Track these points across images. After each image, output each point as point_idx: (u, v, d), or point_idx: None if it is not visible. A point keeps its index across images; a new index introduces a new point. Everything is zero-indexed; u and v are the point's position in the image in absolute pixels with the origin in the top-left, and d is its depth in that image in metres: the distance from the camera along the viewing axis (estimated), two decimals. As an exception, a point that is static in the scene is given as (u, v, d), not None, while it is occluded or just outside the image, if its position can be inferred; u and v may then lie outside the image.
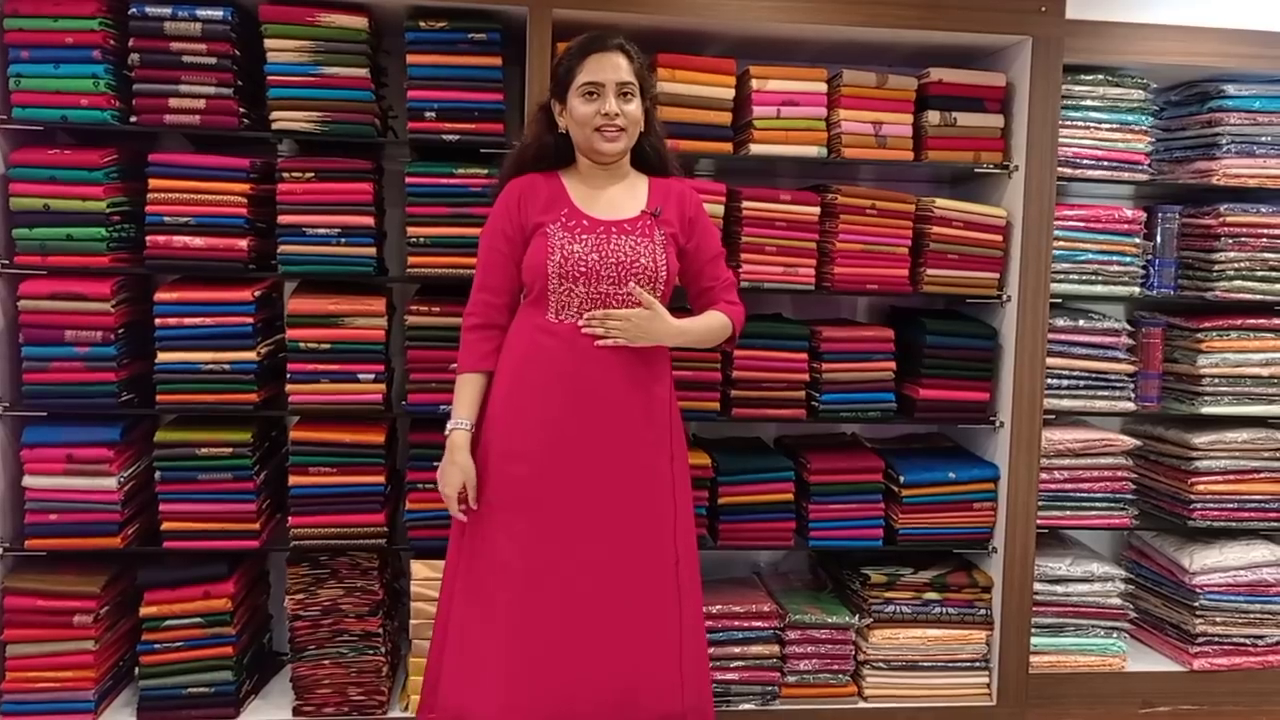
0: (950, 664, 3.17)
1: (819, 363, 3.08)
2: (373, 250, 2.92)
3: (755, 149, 3.02)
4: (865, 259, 3.07)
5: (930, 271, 3.10)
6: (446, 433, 2.43)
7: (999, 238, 3.12)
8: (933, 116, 3.08)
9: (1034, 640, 3.20)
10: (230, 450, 2.89)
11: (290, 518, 2.94)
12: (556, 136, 2.45)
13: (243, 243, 2.87)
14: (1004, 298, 3.14)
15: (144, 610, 2.88)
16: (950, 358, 3.13)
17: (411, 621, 2.95)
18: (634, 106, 2.38)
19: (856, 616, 3.12)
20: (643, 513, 2.41)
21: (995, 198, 3.19)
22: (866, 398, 3.11)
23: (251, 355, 2.88)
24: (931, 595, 3.17)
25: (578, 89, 2.36)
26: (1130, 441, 3.28)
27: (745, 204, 3.00)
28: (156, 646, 2.89)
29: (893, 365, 3.11)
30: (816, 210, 3.05)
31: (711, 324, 2.50)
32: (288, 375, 2.91)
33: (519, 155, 2.50)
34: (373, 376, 2.93)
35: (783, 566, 3.52)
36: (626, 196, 2.46)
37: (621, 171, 2.47)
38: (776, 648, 3.10)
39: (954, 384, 3.13)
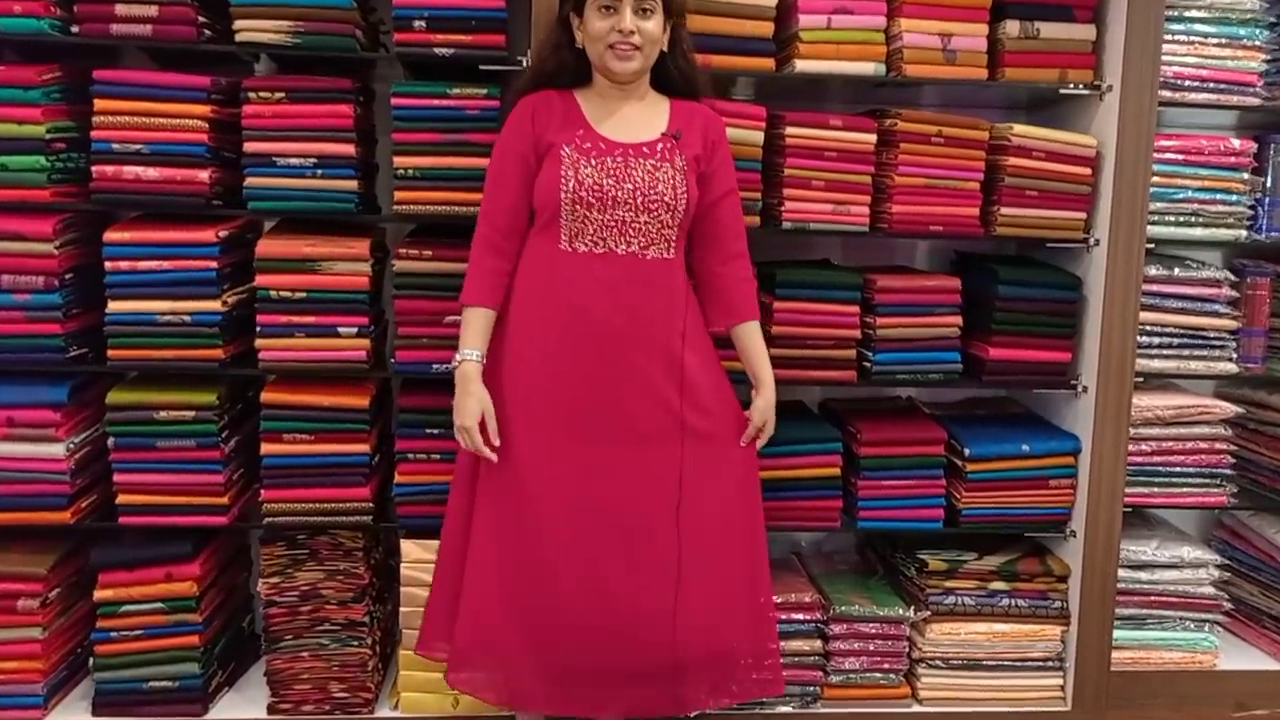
0: (1019, 663, 2.77)
1: (873, 316, 2.66)
2: (354, 184, 2.52)
3: (801, 66, 2.58)
4: (929, 196, 2.63)
5: (1005, 211, 2.65)
6: (454, 364, 2.23)
7: (1087, 171, 2.66)
8: (1011, 27, 2.62)
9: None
10: (193, 414, 2.53)
11: (262, 491, 2.58)
12: (575, 52, 2.27)
13: (204, 175, 2.47)
14: (1090, 242, 2.69)
15: (98, 594, 2.54)
16: (1026, 311, 2.69)
17: (403, 609, 2.58)
18: (653, 23, 2.20)
19: (912, 608, 2.73)
20: (649, 448, 2.23)
21: (1083, 124, 2.73)
22: (927, 357, 2.68)
23: (216, 305, 2.50)
24: (998, 585, 2.76)
25: (593, 1, 2.18)
26: (1229, 408, 2.85)
27: (789, 131, 2.57)
28: (113, 635, 2.56)
29: (959, 320, 2.68)
30: (872, 138, 2.61)
31: (761, 343, 2.37)
32: (257, 329, 2.53)
33: (536, 70, 2.33)
34: (355, 330, 2.54)
35: (825, 546, 3.12)
36: (646, 118, 2.29)
37: (640, 92, 2.30)
38: (819, 643, 2.71)
39: (1030, 342, 2.70)
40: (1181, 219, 2.80)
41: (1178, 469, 2.85)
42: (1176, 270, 2.81)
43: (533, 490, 2.22)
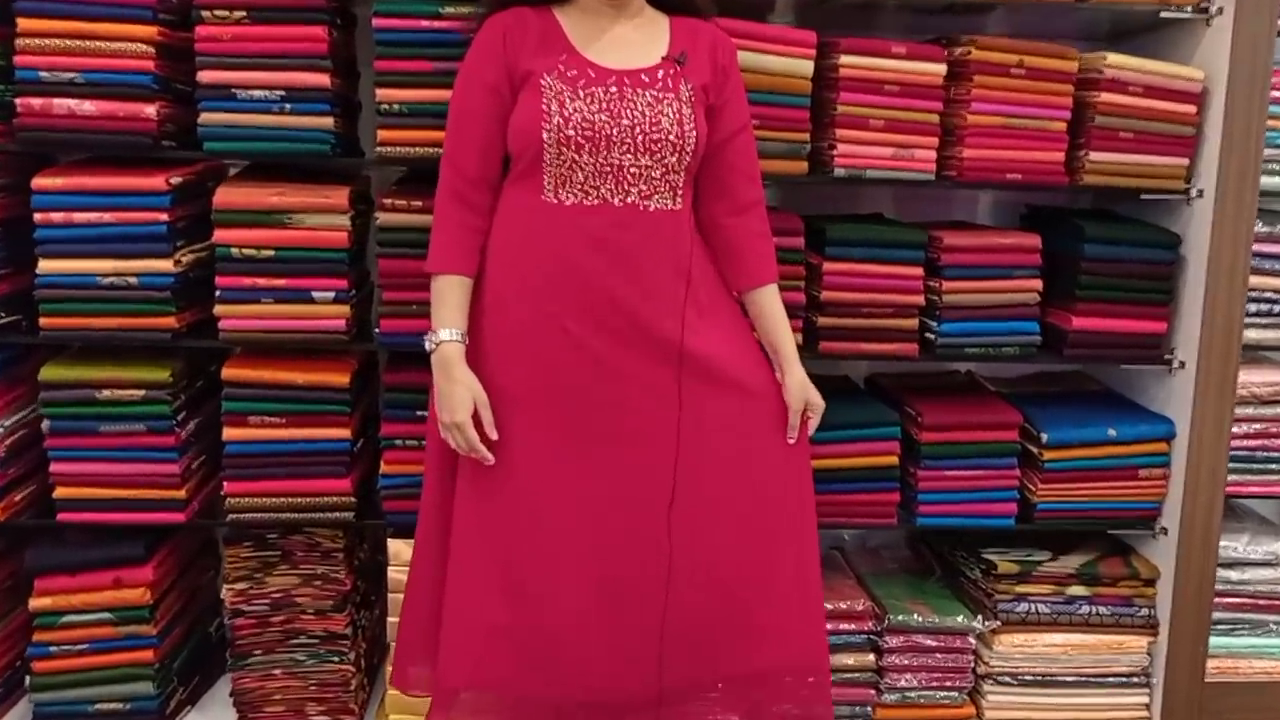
0: (1099, 679, 2.41)
1: (938, 280, 2.27)
2: (329, 121, 2.13)
3: (856, -18, 2.18)
4: (1007, 137, 2.24)
5: (1094, 156, 2.27)
6: (430, 347, 1.86)
7: (1191, 110, 2.27)
8: (1105, -62, 2.22)
9: (1200, 642, 2.44)
10: (142, 393, 2.16)
11: (225, 483, 2.21)
12: None
13: (150, 109, 2.09)
14: (1193, 193, 2.30)
15: (34, 603, 2.20)
16: (1116, 274, 2.31)
17: (390, 619, 2.22)
18: None
19: (979, 617, 2.36)
20: (646, 433, 1.88)
21: (1183, 55, 2.33)
22: (1001, 328, 2.30)
23: (167, 265, 2.13)
24: (1077, 590, 2.40)
25: None
26: (1335, 386, 2.47)
27: (844, 61, 2.18)
28: (52, 650, 2.21)
29: (1039, 284, 2.30)
30: (941, 70, 2.21)
31: (781, 310, 2.00)
32: (216, 293, 2.15)
33: None
34: (333, 295, 2.17)
35: (872, 541, 2.76)
36: (642, 40, 1.91)
37: (634, 8, 1.92)
38: (871, 657, 2.35)
39: (1119, 310, 2.32)
40: (1299, 167, 2.41)
41: (1276, 454, 2.48)
42: (1282, 227, 2.44)
43: (526, 494, 1.86)
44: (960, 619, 2.35)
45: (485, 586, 1.87)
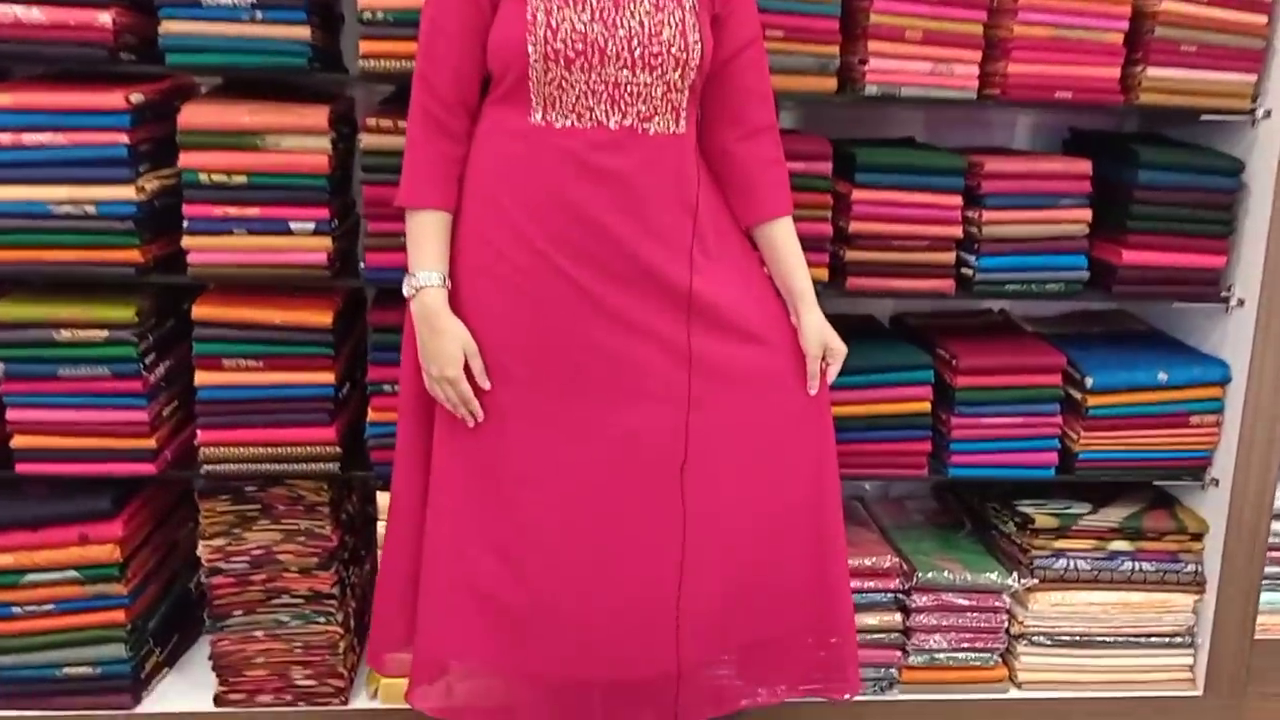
0: (1141, 639, 2.26)
1: (977, 210, 2.07)
2: (305, 31, 1.91)
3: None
4: (1056, 51, 2.02)
5: (1152, 72, 2.05)
6: (409, 293, 1.68)
7: (1261, 20, 2.05)
8: None
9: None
10: (106, 334, 1.96)
11: (198, 432, 2.02)
12: None
13: (104, 16, 1.86)
14: (1258, 114, 2.09)
15: (-7, 561, 2.01)
16: (1171, 204, 2.11)
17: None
18: None
19: (1014, 575, 2.20)
20: (659, 397, 1.68)
21: (1251, -42, 2.11)
22: (1046, 262, 2.11)
23: (130, 193, 1.93)
24: (1120, 545, 2.23)
25: None
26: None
27: (878, -37, 1.96)
28: (15, 611, 2.04)
29: (1088, 214, 2.10)
30: (985, -26, 2.00)
31: (796, 245, 1.80)
32: (185, 223, 1.95)
33: None
34: (312, 226, 1.96)
35: (895, 490, 2.59)
36: None
37: None
38: (898, 616, 2.19)
39: (1174, 242, 2.12)
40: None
41: (1332, 399, 2.30)
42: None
43: (518, 454, 1.68)
44: (994, 576, 2.19)
45: (472, 551, 1.69)
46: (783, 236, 1.78)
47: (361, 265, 2.02)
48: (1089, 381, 2.14)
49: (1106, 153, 2.16)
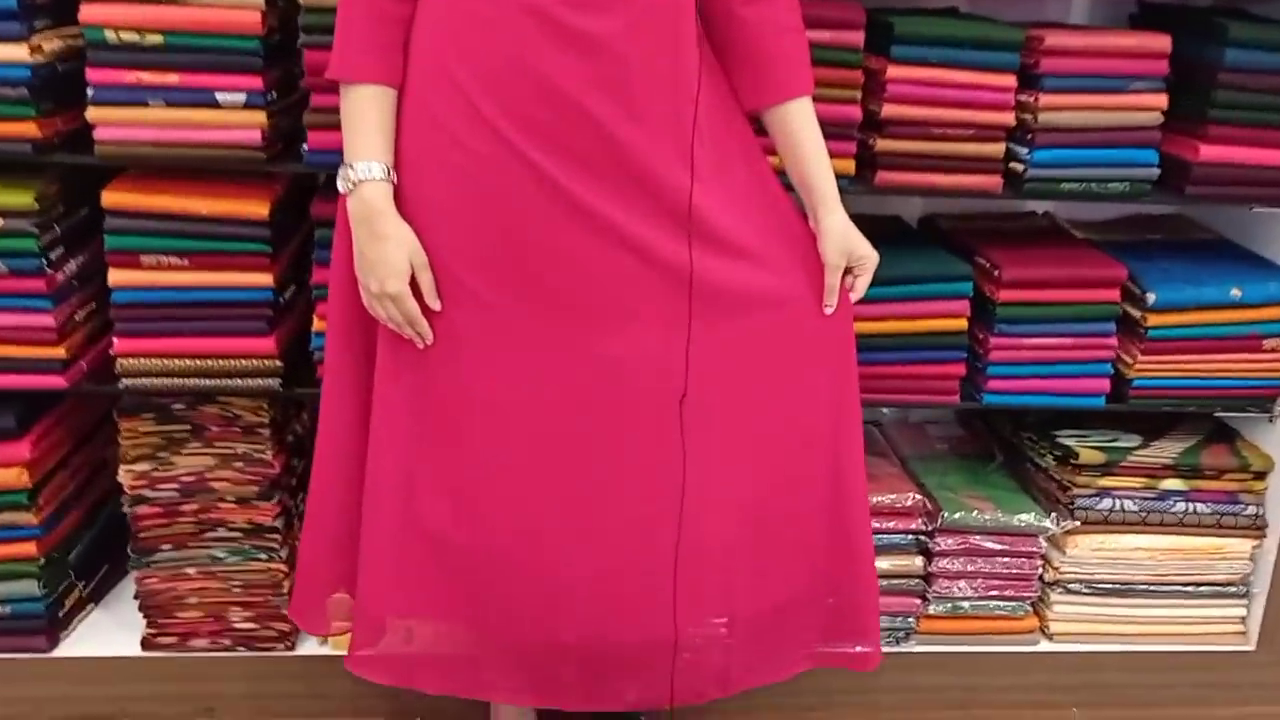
0: (1189, 589, 2.01)
1: (1032, 93, 1.76)
2: None
3: None
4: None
5: (1246, -70, 1.72)
6: (345, 188, 1.39)
7: None
8: None
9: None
10: (0, 222, 1.65)
11: (115, 340, 1.74)
12: None
13: None
14: (1369, -15, 1.77)
15: (-119, 487, 1.74)
16: (1262, 89, 1.79)
17: (331, 508, 1.79)
18: None
19: (1052, 515, 1.94)
20: (651, 319, 1.40)
21: None
22: (1110, 157, 1.79)
23: (21, 53, 1.61)
24: (1173, 483, 1.97)
25: None
26: None
27: None
28: (-91, 543, 1.77)
29: (1164, 100, 1.78)
30: None
31: (816, 131, 1.48)
32: (89, 91, 1.63)
33: None
34: (243, 98, 1.64)
35: (916, 415, 2.31)
36: None
37: None
38: (919, 561, 1.94)
39: (1259, 135, 1.80)
40: None
41: None
42: None
43: (471, 382, 1.41)
44: (1030, 517, 1.93)
45: (421, 492, 1.43)
46: (800, 121, 1.46)
47: (304, 147, 1.70)
48: (1151, 298, 1.85)
49: (1183, 29, 1.83)
